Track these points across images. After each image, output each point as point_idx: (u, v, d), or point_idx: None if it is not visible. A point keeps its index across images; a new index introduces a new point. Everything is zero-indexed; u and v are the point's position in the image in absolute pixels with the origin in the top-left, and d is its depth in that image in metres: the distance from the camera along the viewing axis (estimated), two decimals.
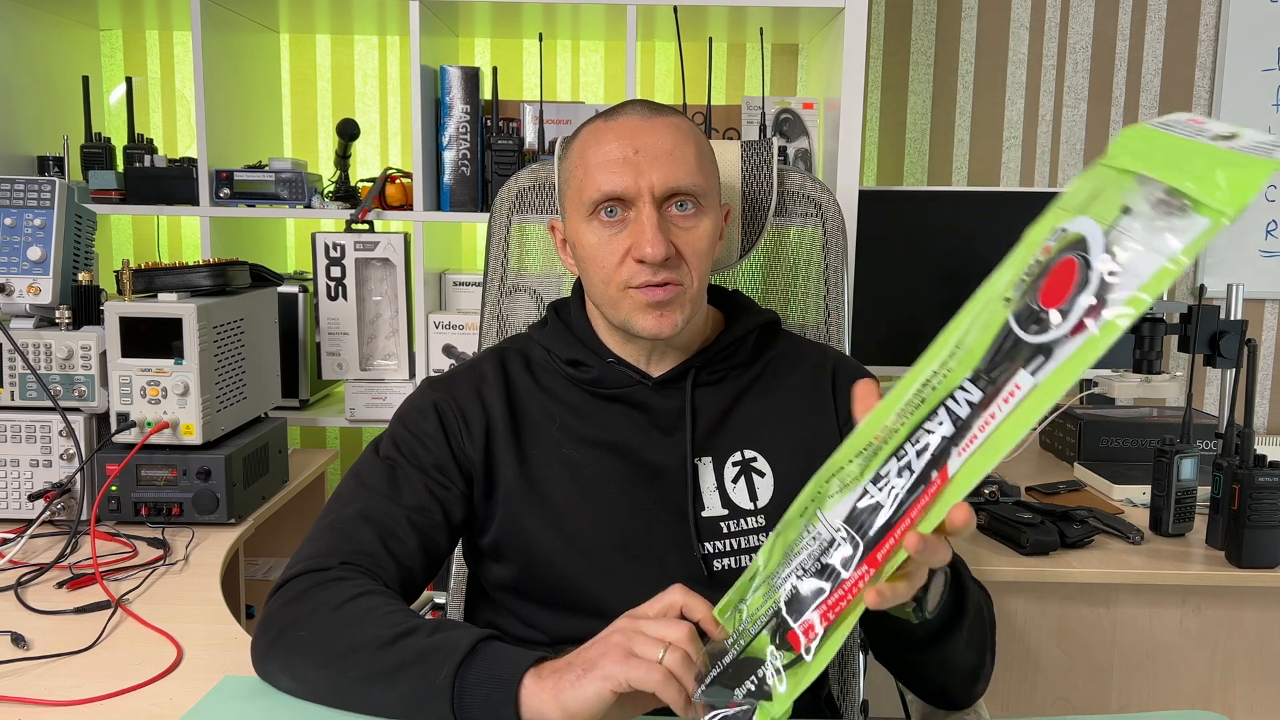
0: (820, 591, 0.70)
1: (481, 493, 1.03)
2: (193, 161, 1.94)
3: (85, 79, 2.03)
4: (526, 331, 1.13)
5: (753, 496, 1.03)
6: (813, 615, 0.70)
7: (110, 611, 1.15)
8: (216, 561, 1.32)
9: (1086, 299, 0.59)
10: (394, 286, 1.94)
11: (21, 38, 2.01)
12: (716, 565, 1.01)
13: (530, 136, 1.99)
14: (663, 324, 0.99)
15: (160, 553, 1.33)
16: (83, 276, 1.49)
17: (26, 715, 0.92)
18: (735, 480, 1.04)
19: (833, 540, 0.70)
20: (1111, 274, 0.58)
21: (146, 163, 1.93)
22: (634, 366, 1.06)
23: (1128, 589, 1.46)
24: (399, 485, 1.00)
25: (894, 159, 2.40)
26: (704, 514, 1.02)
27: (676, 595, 0.79)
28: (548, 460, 1.03)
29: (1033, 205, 2.17)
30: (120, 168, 2.00)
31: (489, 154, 1.91)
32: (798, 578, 0.72)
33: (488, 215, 1.35)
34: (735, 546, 1.02)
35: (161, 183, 1.93)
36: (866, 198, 2.03)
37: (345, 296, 1.92)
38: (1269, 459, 1.42)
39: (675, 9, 1.88)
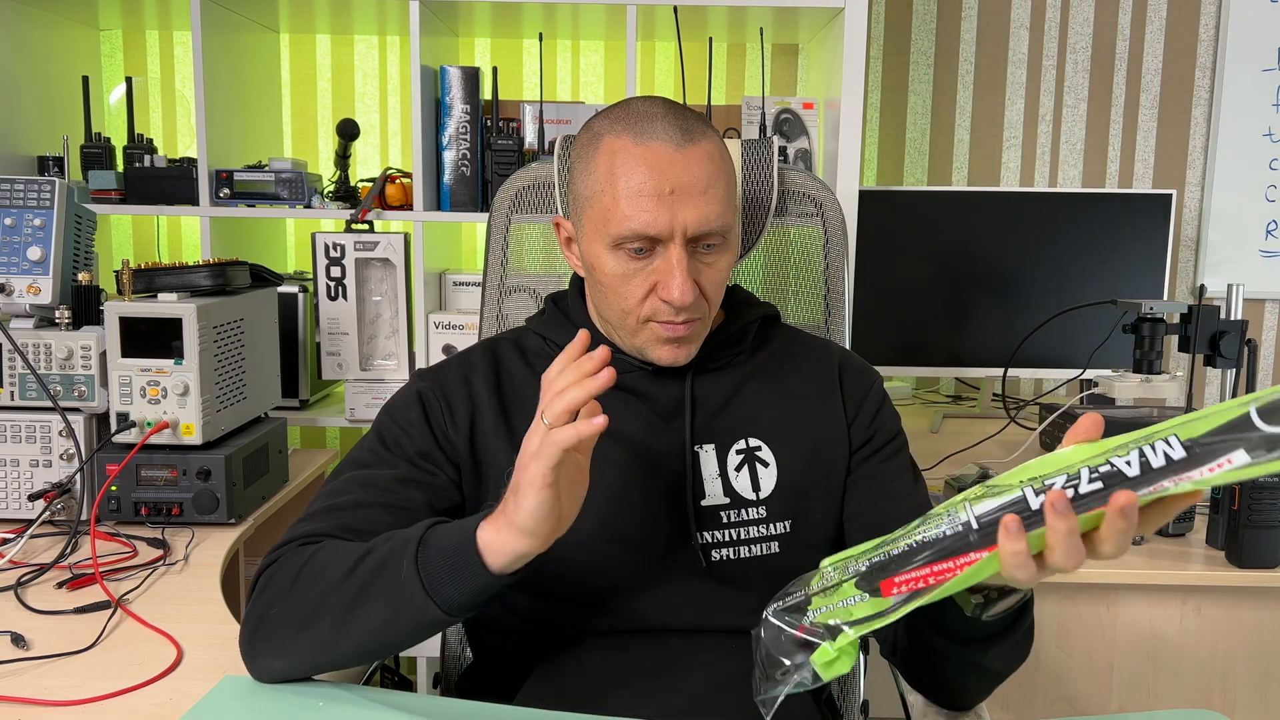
0: (930, 556, 0.73)
1: (470, 479, 1.02)
2: (193, 161, 1.94)
3: (85, 79, 2.03)
4: (523, 324, 1.13)
5: (755, 486, 1.03)
6: (917, 573, 0.72)
7: (110, 611, 1.15)
8: (216, 561, 1.32)
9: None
10: (394, 286, 1.94)
11: (21, 38, 2.01)
12: (715, 555, 1.01)
13: (530, 136, 1.99)
14: (679, 354, 1.01)
15: (160, 553, 1.33)
16: (83, 276, 1.49)
17: (26, 715, 0.92)
18: (739, 469, 1.03)
19: (966, 522, 0.72)
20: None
21: (146, 163, 1.93)
22: (633, 355, 1.06)
23: (1128, 589, 1.46)
24: (378, 476, 0.99)
25: (894, 159, 2.40)
26: (704, 503, 1.02)
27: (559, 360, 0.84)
28: None
29: (1033, 205, 2.19)
30: (120, 168, 2.00)
31: (489, 154, 1.91)
32: (915, 543, 0.75)
33: (487, 215, 1.35)
34: (735, 537, 1.01)
35: (161, 183, 1.93)
36: (866, 198, 2.03)
37: (345, 296, 1.92)
38: None
39: (675, 9, 1.88)
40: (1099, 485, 0.68)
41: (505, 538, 0.80)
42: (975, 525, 0.72)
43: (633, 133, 0.97)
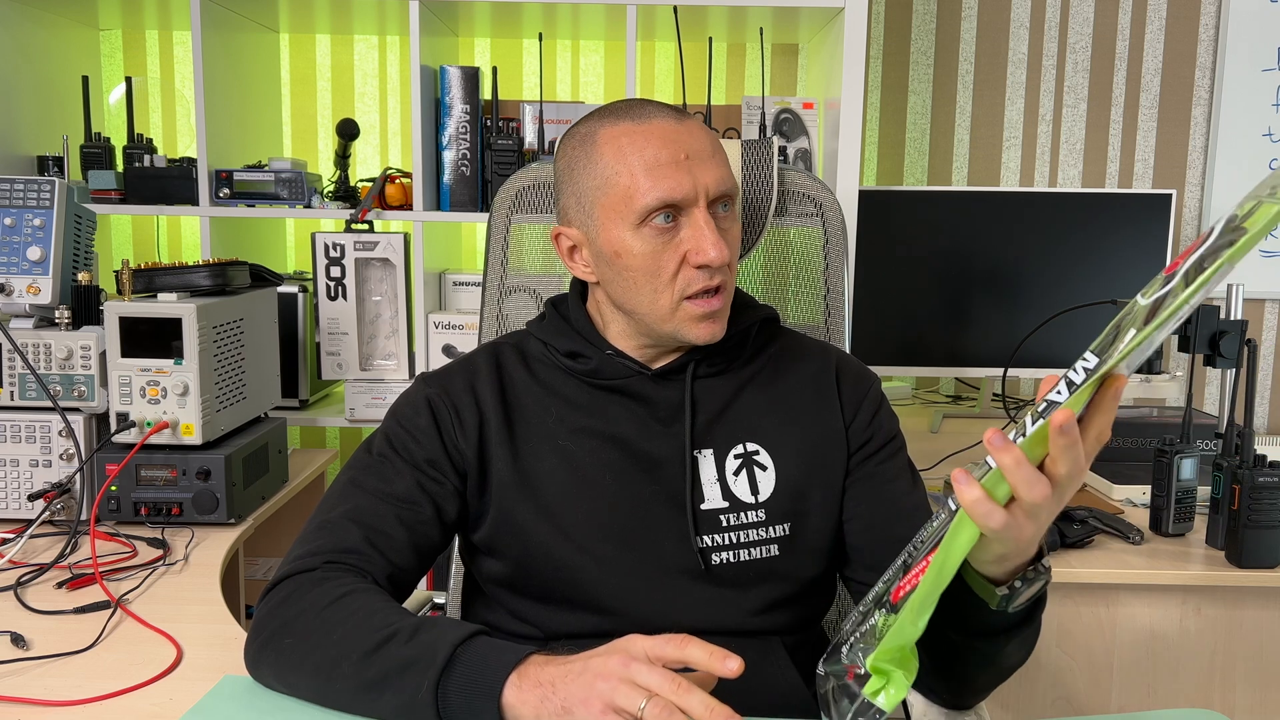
0: (919, 554, 0.74)
1: (475, 487, 1.03)
2: (193, 161, 1.94)
3: (85, 79, 2.03)
4: (523, 328, 1.13)
5: (754, 490, 1.03)
6: (911, 573, 0.74)
7: (110, 611, 1.15)
8: (216, 561, 1.32)
9: (1197, 251, 0.63)
10: (394, 286, 1.94)
11: (21, 38, 2.01)
12: (715, 559, 1.01)
13: (530, 136, 1.99)
14: (715, 330, 1.01)
15: (160, 553, 1.33)
16: (82, 276, 1.49)
17: (26, 715, 0.92)
18: (737, 473, 1.03)
19: (940, 514, 0.75)
20: (1225, 224, 0.62)
21: (146, 163, 1.93)
22: (633, 359, 1.05)
23: (1128, 589, 1.46)
24: (389, 482, 0.99)
25: (894, 159, 2.40)
26: (703, 506, 1.02)
27: (691, 649, 0.75)
28: (542, 452, 1.03)
29: (1033, 205, 2.18)
30: (120, 168, 2.00)
31: (489, 154, 1.91)
32: (911, 550, 0.75)
33: (487, 215, 1.34)
34: (734, 540, 1.01)
35: (161, 183, 1.93)
36: (866, 198, 2.03)
37: (345, 296, 1.92)
38: (1269, 459, 1.42)
39: (675, 9, 1.88)
40: (1041, 421, 0.69)
41: (526, 716, 0.76)
42: (953, 506, 0.74)
43: (629, 118, 0.99)
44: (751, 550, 1.01)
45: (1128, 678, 1.49)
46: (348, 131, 1.99)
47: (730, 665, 0.73)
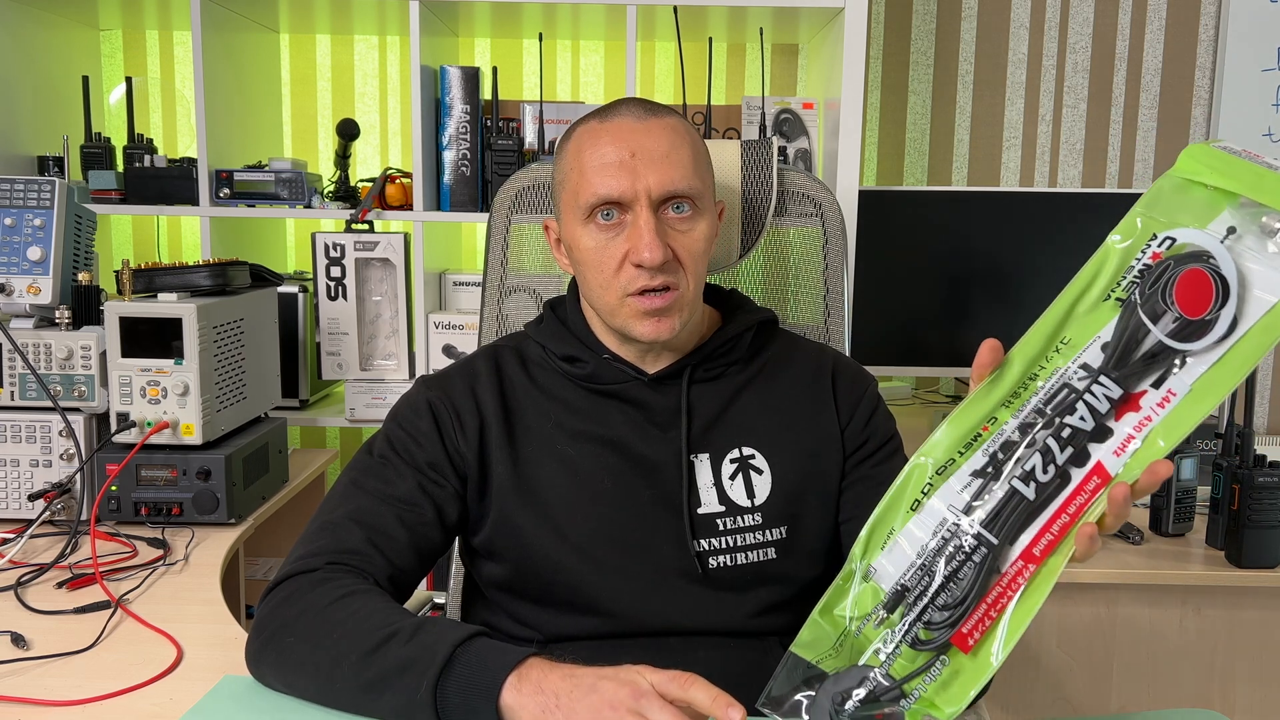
0: (976, 591, 0.71)
1: (475, 490, 1.03)
2: (193, 161, 1.94)
3: (85, 79, 2.03)
4: (523, 330, 1.13)
5: (750, 494, 1.03)
6: (976, 614, 0.71)
7: (110, 611, 1.15)
8: (216, 561, 1.32)
9: (1230, 311, 0.67)
10: (394, 286, 1.94)
11: (21, 38, 2.01)
12: (712, 563, 1.01)
13: (530, 136, 1.99)
14: (660, 329, 1.00)
15: (160, 553, 1.33)
16: (83, 276, 1.49)
17: (26, 715, 0.92)
18: (733, 477, 1.03)
19: (977, 536, 0.72)
20: (1244, 288, 0.67)
21: (146, 163, 1.94)
22: (630, 363, 1.06)
23: (1128, 589, 1.46)
24: (390, 484, 1.00)
25: (894, 159, 2.40)
26: (700, 511, 1.02)
27: (695, 690, 0.74)
28: (542, 457, 1.03)
29: (1032, 205, 2.18)
30: (120, 168, 2.00)
31: (489, 154, 1.91)
32: (937, 581, 0.72)
33: (487, 215, 1.35)
34: (731, 544, 1.02)
35: (161, 183, 1.93)
36: (866, 198, 2.03)
37: (345, 296, 1.92)
38: (1269, 459, 1.42)
39: (675, 9, 1.88)
40: (1070, 451, 0.70)
41: (523, 718, 0.77)
42: (989, 537, 0.70)
43: (599, 116, 1.03)
44: (748, 554, 1.02)
45: (1128, 678, 1.49)
46: (348, 131, 1.99)
47: (733, 715, 0.73)
